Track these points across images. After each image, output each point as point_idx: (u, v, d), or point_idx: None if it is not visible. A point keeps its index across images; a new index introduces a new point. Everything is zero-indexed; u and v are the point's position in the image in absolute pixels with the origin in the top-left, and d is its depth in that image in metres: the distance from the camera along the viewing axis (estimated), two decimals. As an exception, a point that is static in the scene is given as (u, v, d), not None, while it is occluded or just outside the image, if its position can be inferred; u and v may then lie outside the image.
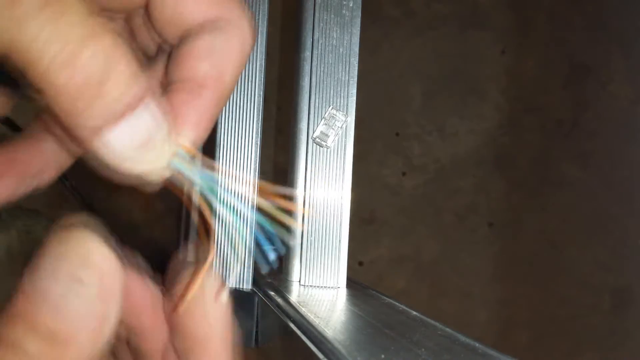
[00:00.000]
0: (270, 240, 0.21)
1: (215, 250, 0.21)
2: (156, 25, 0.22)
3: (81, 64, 0.16)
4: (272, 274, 0.51)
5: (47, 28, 0.16)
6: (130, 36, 0.24)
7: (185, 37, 0.21)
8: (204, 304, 0.20)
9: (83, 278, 0.16)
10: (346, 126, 0.47)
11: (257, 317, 0.46)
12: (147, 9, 0.21)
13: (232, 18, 0.21)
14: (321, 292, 0.45)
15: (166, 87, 0.22)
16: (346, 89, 0.48)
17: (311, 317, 0.36)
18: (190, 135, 0.20)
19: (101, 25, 0.17)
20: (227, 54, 0.21)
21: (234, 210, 0.20)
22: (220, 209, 0.20)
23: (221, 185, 0.20)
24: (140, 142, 0.18)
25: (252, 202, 0.21)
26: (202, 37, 0.21)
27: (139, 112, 0.18)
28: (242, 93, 0.48)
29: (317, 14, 0.48)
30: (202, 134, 0.21)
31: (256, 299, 0.46)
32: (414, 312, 0.39)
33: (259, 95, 0.48)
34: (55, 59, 0.16)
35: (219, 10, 0.21)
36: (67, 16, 0.16)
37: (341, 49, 0.48)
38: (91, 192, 1.20)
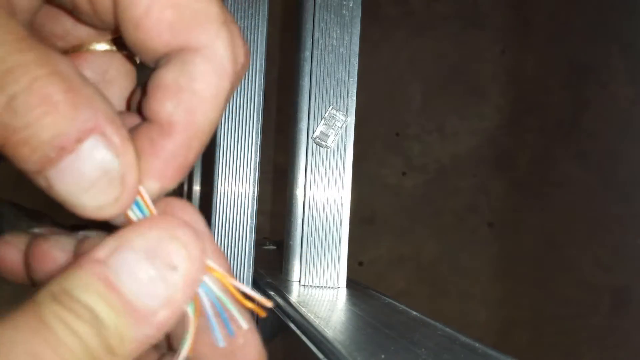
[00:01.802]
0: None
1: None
2: (131, 48, 0.19)
3: None
4: (272, 274, 0.51)
5: None
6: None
7: (157, 67, 0.19)
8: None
9: (177, 266, 0.16)
10: (346, 126, 0.47)
11: (257, 317, 0.46)
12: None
13: (203, 44, 0.18)
14: (321, 292, 0.45)
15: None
16: (346, 89, 0.48)
17: (311, 317, 0.36)
18: (154, 186, 0.18)
19: (33, 54, 0.15)
20: (197, 90, 0.18)
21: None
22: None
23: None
24: (88, 182, 0.16)
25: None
26: (166, 70, 0.18)
27: (82, 150, 0.16)
28: (242, 93, 0.48)
29: (317, 14, 0.48)
30: (169, 184, 0.18)
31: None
32: (414, 312, 0.39)
33: (259, 95, 0.48)
34: None
35: (187, 37, 0.17)
36: None
37: (341, 49, 0.48)
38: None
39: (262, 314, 0.19)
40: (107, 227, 0.18)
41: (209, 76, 0.18)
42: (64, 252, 0.20)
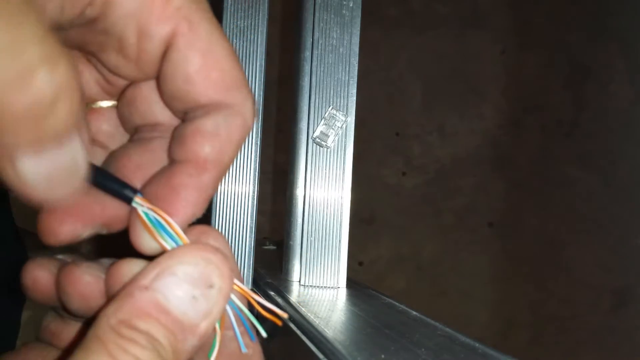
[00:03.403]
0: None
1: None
2: (164, 96, 0.22)
3: (32, 91, 0.15)
4: (272, 274, 0.51)
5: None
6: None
7: (190, 117, 0.22)
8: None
9: (214, 284, 0.19)
10: (346, 126, 0.47)
11: (257, 317, 0.46)
12: (158, 80, 0.22)
13: (237, 103, 0.22)
14: (321, 292, 0.45)
15: (170, 161, 0.23)
16: (346, 89, 0.48)
17: (311, 317, 0.36)
18: (188, 213, 0.22)
19: (57, 50, 0.16)
20: (228, 137, 0.22)
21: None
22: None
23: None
24: (52, 176, 0.18)
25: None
26: (206, 120, 0.22)
27: (65, 146, 0.17)
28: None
29: (317, 14, 0.48)
30: (199, 213, 0.22)
31: (256, 299, 0.46)
32: (414, 312, 0.39)
33: (259, 95, 0.48)
34: (7, 79, 0.15)
35: (225, 95, 0.21)
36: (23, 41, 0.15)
37: (341, 49, 0.48)
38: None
39: (279, 323, 0.23)
40: (135, 255, 0.22)
41: (239, 127, 0.22)
42: (94, 277, 0.22)
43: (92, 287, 0.22)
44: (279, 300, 0.42)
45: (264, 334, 0.23)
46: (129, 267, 0.21)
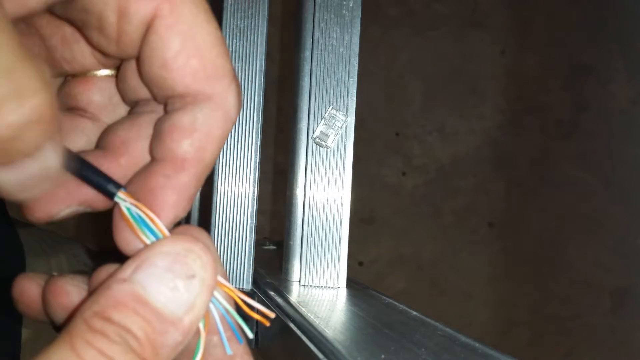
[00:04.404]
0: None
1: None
2: (143, 79, 0.21)
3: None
4: (272, 274, 0.51)
5: None
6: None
7: (169, 108, 0.21)
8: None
9: (195, 274, 0.18)
10: (346, 126, 0.47)
11: (256, 321, 0.46)
12: (137, 61, 0.21)
13: (217, 93, 0.20)
14: (321, 292, 0.45)
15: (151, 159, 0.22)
16: (346, 89, 0.48)
17: (311, 317, 0.36)
18: (169, 216, 0.20)
19: (28, 68, 0.15)
20: (208, 132, 0.20)
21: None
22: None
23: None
24: (25, 181, 0.17)
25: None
26: (182, 114, 0.20)
27: (36, 158, 0.17)
28: (243, 93, 0.48)
29: (317, 14, 0.48)
30: (181, 213, 0.21)
31: (256, 299, 0.46)
32: (414, 312, 0.39)
33: (259, 95, 0.48)
34: None
35: (205, 85, 0.20)
36: None
37: (341, 49, 0.48)
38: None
39: (266, 323, 0.21)
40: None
41: (220, 121, 0.21)
42: (77, 287, 0.21)
43: (73, 298, 0.21)
44: (279, 300, 0.42)
45: (250, 334, 0.21)
46: (111, 270, 0.20)
